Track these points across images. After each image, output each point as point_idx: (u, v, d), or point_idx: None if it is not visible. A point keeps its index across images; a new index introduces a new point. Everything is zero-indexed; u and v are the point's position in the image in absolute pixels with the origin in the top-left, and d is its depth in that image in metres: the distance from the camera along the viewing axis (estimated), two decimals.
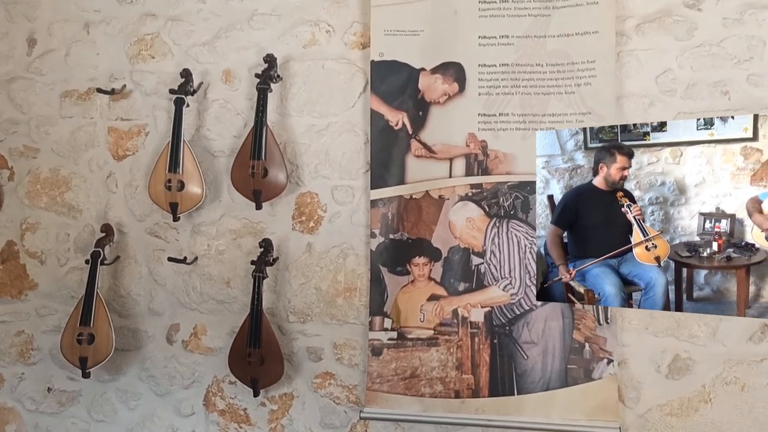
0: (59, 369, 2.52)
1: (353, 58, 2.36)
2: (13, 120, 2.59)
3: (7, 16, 2.60)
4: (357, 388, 2.32)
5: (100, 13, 2.54)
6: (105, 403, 2.50)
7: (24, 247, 2.57)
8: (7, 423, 2.56)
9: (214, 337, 2.44)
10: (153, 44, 2.51)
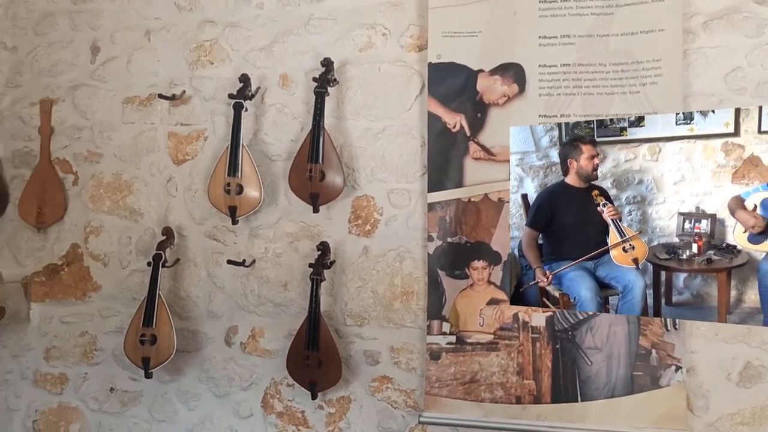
0: (121, 369, 2.59)
1: (410, 60, 2.36)
2: (77, 126, 2.68)
3: (71, 25, 2.69)
4: (415, 393, 2.32)
5: (160, 20, 2.61)
6: (166, 404, 2.56)
7: (88, 249, 2.66)
8: (71, 422, 2.64)
9: (271, 339, 2.47)
10: (212, 50, 2.56)
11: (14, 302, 2.67)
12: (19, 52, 2.74)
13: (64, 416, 2.65)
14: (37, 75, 2.72)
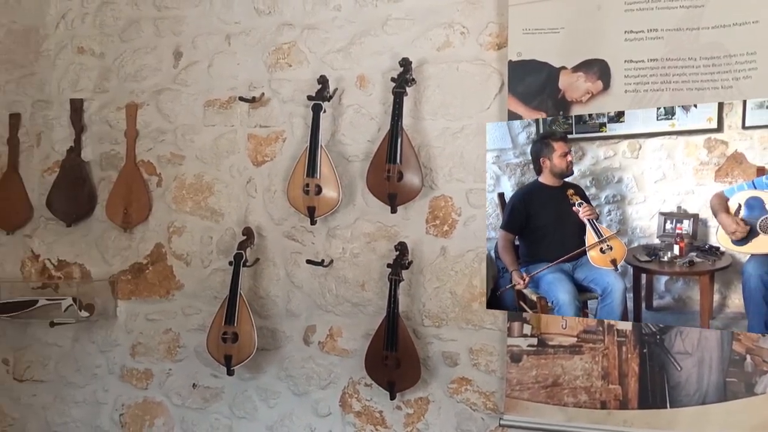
0: (203, 366, 2.69)
1: (488, 59, 2.37)
2: (161, 129, 2.80)
3: (155, 32, 2.81)
4: (495, 395, 2.32)
5: (240, 24, 2.70)
6: (246, 401, 2.64)
7: (171, 249, 2.77)
8: (156, 416, 2.76)
9: (349, 339, 2.52)
10: (290, 53, 2.63)
11: (102, 300, 2.81)
12: (106, 58, 2.88)
13: (149, 411, 2.77)
14: (123, 80, 2.85)
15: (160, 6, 2.80)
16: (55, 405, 2.89)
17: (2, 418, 2.96)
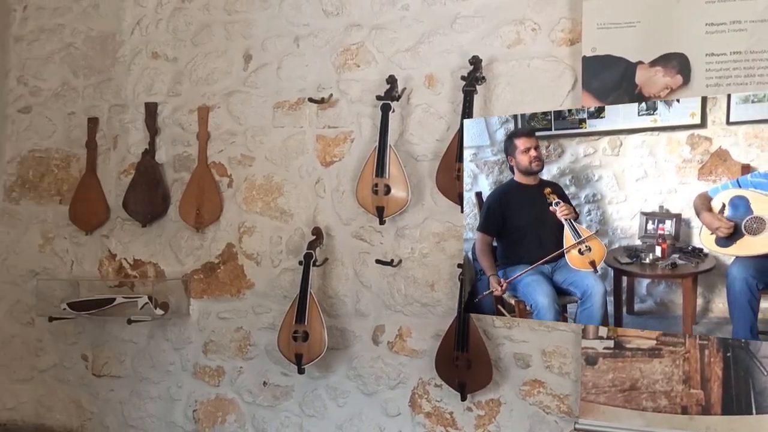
0: (274, 365, 2.76)
1: (561, 55, 2.35)
2: (232, 131, 2.88)
3: (226, 35, 2.90)
4: (569, 398, 2.30)
5: (308, 26, 2.76)
6: (316, 400, 2.69)
7: (242, 249, 2.85)
8: (228, 413, 2.84)
9: (418, 339, 2.54)
10: (358, 53, 2.67)
11: (176, 298, 2.92)
12: (179, 62, 2.98)
13: (221, 407, 2.85)
14: (195, 84, 2.95)
15: (230, 10, 2.89)
16: (132, 400, 3.01)
17: (82, 413, 3.10)
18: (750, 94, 1.89)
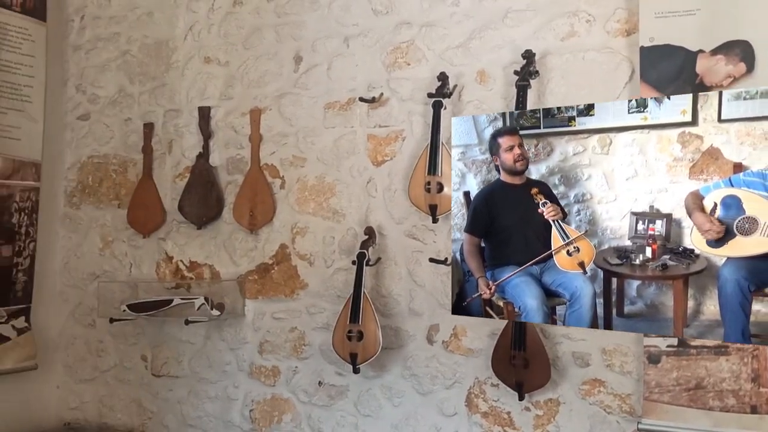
0: (328, 364, 2.78)
1: (617, 46, 2.31)
2: (283, 133, 2.92)
3: (276, 38, 2.94)
4: (630, 398, 2.26)
5: (357, 26, 2.78)
6: (371, 399, 2.70)
7: (295, 249, 2.88)
8: (284, 413, 2.88)
9: (473, 338, 2.52)
10: (408, 51, 2.68)
11: (231, 299, 2.97)
12: (231, 66, 3.04)
13: (277, 407, 2.89)
14: (247, 87, 3.00)
15: (280, 13, 2.93)
16: (190, 399, 3.07)
17: (142, 412, 3.18)
18: (742, 90, 1.85)
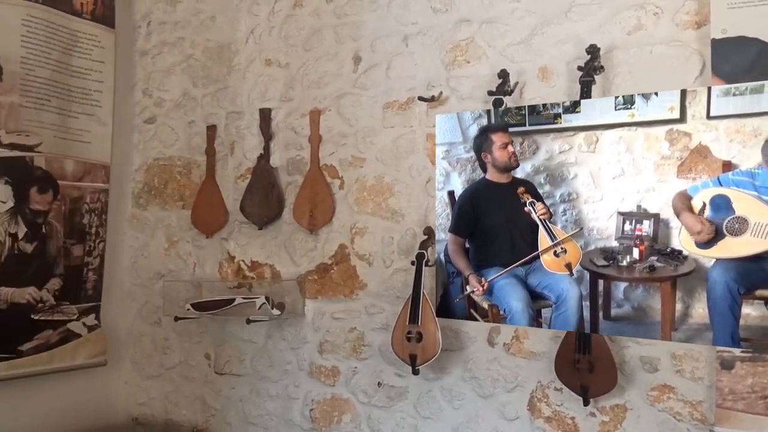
0: (388, 365, 2.78)
1: (686, 39, 2.23)
2: (342, 133, 2.94)
3: (335, 38, 2.97)
4: (702, 405, 2.18)
5: (417, 25, 2.77)
6: (431, 401, 2.69)
7: (354, 249, 2.90)
8: (343, 413, 2.90)
9: (535, 341, 2.48)
10: (468, 49, 2.66)
11: (291, 299, 3.01)
12: (291, 68, 3.08)
13: (337, 407, 2.92)
14: (306, 88, 3.04)
15: (339, 14, 2.96)
16: (251, 398, 3.13)
17: (206, 409, 3.26)
18: (731, 86, 1.82)
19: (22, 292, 2.97)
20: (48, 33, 3.03)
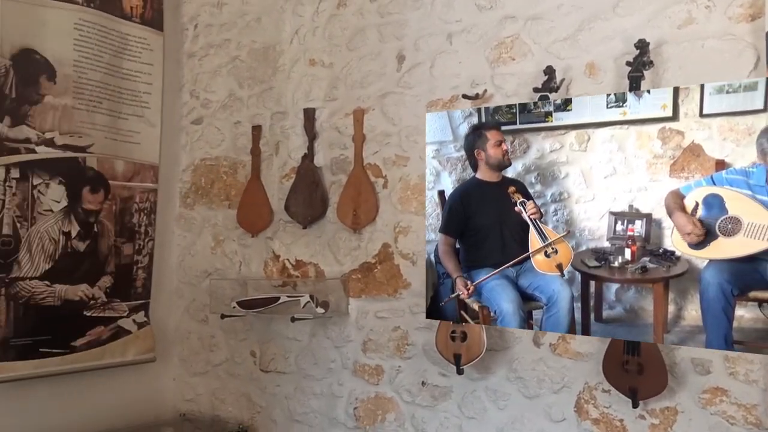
0: (431, 365, 2.78)
1: (740, 32, 2.17)
2: (386, 132, 2.95)
3: (379, 38, 2.98)
4: (757, 408, 2.12)
5: (461, 22, 2.77)
6: (475, 401, 2.68)
7: (398, 248, 2.91)
8: (387, 412, 2.91)
9: (583, 341, 2.44)
10: (513, 46, 2.64)
11: (335, 297, 3.03)
12: (335, 68, 3.11)
13: (380, 406, 2.93)
14: (350, 88, 3.06)
15: (383, 12, 2.97)
16: (296, 396, 3.17)
17: (252, 406, 3.31)
18: (725, 84, 1.79)
19: (75, 290, 3.06)
20: (99, 36, 3.12)
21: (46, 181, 2.96)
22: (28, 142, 2.90)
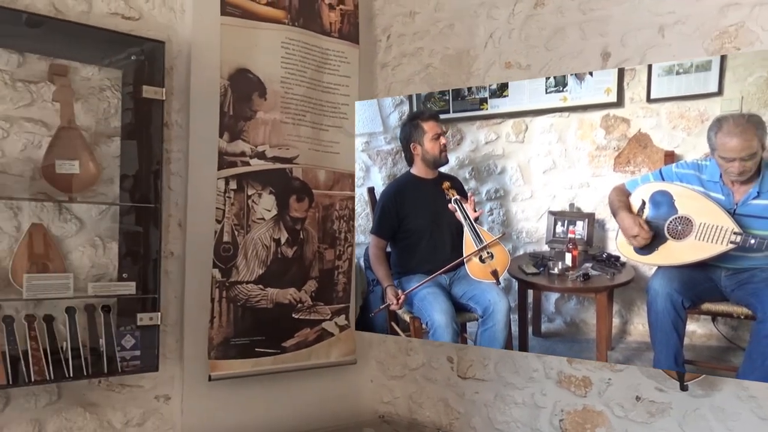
0: (646, 379, 2.64)
1: None
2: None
3: (581, 36, 2.89)
4: None
5: (674, 14, 2.61)
6: (699, 420, 2.51)
7: None
8: (597, 426, 2.81)
9: None
10: (737, 35, 2.44)
11: None
12: (532, 69, 3.05)
13: (589, 419, 2.84)
14: None
15: (585, 9, 2.88)
16: (496, 404, 3.15)
17: (449, 412, 3.35)
18: (674, 63, 1.61)
19: (284, 293, 3.27)
20: (303, 53, 3.31)
21: (259, 192, 3.19)
22: (244, 155, 3.15)
